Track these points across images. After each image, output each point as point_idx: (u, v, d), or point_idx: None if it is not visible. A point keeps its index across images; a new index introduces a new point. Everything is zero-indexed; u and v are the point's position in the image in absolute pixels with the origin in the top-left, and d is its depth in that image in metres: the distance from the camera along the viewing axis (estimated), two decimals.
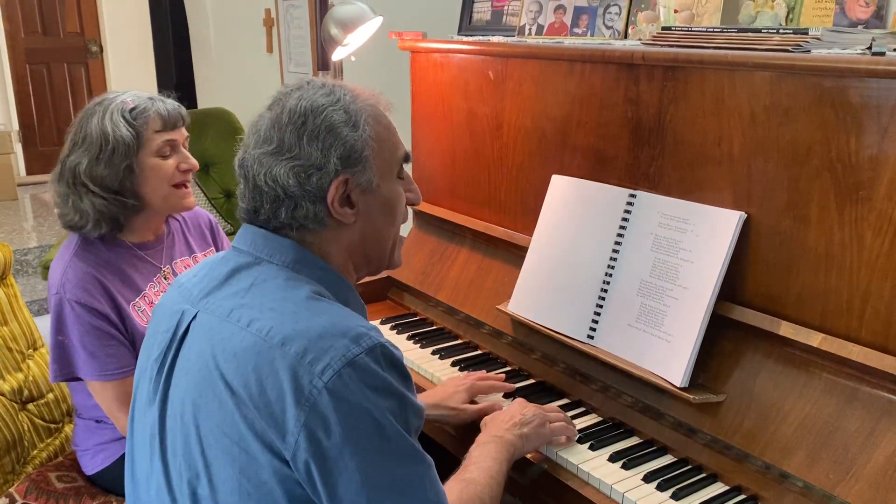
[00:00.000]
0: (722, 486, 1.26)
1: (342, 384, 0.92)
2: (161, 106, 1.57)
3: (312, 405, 0.92)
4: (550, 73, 1.65)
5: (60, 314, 1.53)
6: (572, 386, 1.54)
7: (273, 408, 0.93)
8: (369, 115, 1.08)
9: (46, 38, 6.52)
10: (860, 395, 1.16)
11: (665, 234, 1.41)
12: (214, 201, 3.81)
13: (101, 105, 1.55)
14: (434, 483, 0.99)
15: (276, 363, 0.94)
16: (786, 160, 1.25)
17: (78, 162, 1.53)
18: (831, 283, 1.22)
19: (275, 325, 0.97)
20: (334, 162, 1.04)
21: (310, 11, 3.71)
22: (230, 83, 4.89)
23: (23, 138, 6.47)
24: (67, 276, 1.53)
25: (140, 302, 1.60)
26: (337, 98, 1.06)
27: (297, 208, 1.05)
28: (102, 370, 1.53)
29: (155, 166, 1.56)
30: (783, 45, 1.26)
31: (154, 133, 1.56)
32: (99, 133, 1.51)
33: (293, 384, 0.92)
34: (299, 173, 1.03)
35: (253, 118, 1.10)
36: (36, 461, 1.76)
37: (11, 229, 4.95)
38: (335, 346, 0.94)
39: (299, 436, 0.92)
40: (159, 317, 1.13)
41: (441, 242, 1.98)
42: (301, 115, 1.04)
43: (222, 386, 0.97)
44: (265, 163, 1.04)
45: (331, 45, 2.19)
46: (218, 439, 0.97)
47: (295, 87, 1.09)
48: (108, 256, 1.58)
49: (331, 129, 1.04)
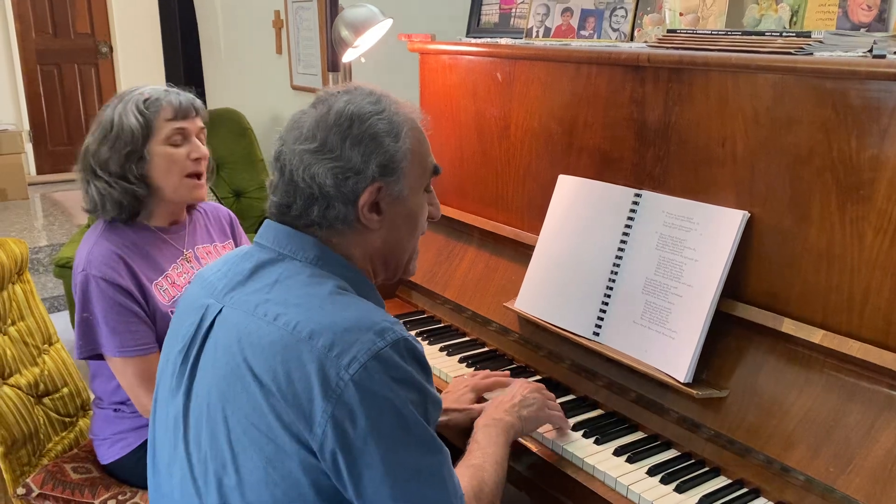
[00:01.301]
0: (725, 480, 1.28)
1: (368, 377, 0.95)
2: (174, 97, 1.63)
3: (339, 397, 0.95)
4: (558, 75, 1.67)
5: (86, 290, 1.57)
6: (578, 382, 1.57)
7: (300, 399, 0.96)
8: (410, 128, 1.12)
9: (57, 38, 6.58)
10: (860, 391, 1.19)
11: (670, 233, 1.43)
12: (224, 201, 3.84)
13: (123, 97, 1.62)
14: (451, 472, 1.04)
15: (303, 356, 0.97)
16: (788, 160, 1.28)
17: (90, 148, 1.60)
18: (832, 280, 1.24)
19: (301, 320, 0.99)
20: (373, 169, 1.07)
21: (319, 13, 3.74)
22: (239, 84, 4.93)
23: (33, 138, 6.53)
24: (93, 253, 1.58)
25: (163, 281, 1.65)
26: (382, 108, 1.10)
27: (330, 208, 1.08)
28: (123, 346, 1.57)
29: (165, 154, 1.61)
30: (786, 47, 1.29)
31: (165, 122, 1.61)
32: (108, 120, 1.59)
33: (320, 376, 0.95)
34: (337, 174, 1.06)
35: (294, 114, 1.13)
36: (51, 454, 1.79)
37: (22, 228, 5.00)
38: (361, 340, 0.97)
39: (326, 427, 0.95)
40: (183, 310, 1.16)
41: (449, 241, 2.01)
42: (347, 118, 1.07)
43: (250, 378, 0.99)
44: (305, 160, 1.07)
45: (341, 47, 2.22)
46: (246, 430, 1.00)
47: (343, 90, 1.12)
48: (133, 238, 1.64)
49: (374, 137, 1.08)
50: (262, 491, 0.99)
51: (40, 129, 6.60)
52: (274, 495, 0.99)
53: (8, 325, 1.80)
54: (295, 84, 4.18)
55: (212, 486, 1.03)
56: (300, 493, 0.98)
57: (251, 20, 4.60)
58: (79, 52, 6.67)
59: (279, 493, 0.99)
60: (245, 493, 1.00)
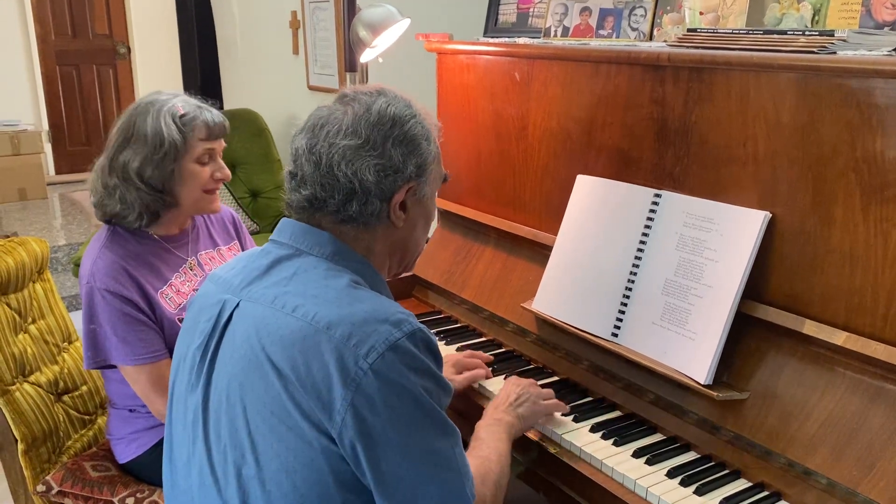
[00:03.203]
0: (745, 483, 1.27)
1: (385, 366, 0.98)
2: (208, 116, 1.65)
3: (358, 385, 0.97)
4: (576, 75, 1.67)
5: (91, 302, 1.59)
6: (596, 383, 1.56)
7: (320, 388, 0.98)
8: (435, 135, 1.21)
9: (76, 39, 6.64)
10: (884, 394, 1.17)
11: (690, 234, 1.42)
12: (241, 200, 3.86)
13: (154, 106, 1.61)
14: (462, 454, 1.07)
15: (321, 346, 0.99)
16: (811, 161, 1.26)
17: (130, 159, 1.59)
18: (856, 282, 1.23)
19: (319, 311, 1.02)
20: (410, 169, 1.14)
21: (336, 13, 3.75)
22: (256, 84, 4.95)
23: (52, 138, 6.59)
24: (97, 266, 1.59)
25: (167, 290, 1.66)
26: (415, 113, 1.17)
27: (368, 204, 1.12)
28: (135, 354, 1.58)
29: (194, 172, 1.64)
30: (809, 46, 1.28)
31: (198, 141, 1.63)
32: (154, 134, 1.58)
33: (339, 365, 0.98)
34: (380, 171, 1.11)
35: (318, 110, 1.16)
36: (70, 451, 1.81)
37: (41, 227, 5.05)
38: (378, 331, 1.00)
39: (346, 414, 0.97)
40: (197, 309, 1.18)
41: (466, 241, 2.01)
42: (390, 119, 1.13)
43: (269, 367, 1.01)
44: (348, 155, 1.10)
45: (359, 48, 2.22)
46: (265, 419, 1.01)
47: (374, 90, 1.17)
48: (136, 248, 1.65)
49: (413, 139, 1.14)
50: (282, 479, 1.00)
51: (59, 130, 6.66)
52: (294, 483, 1.00)
53: (29, 324, 1.82)
54: (311, 84, 4.19)
55: (231, 478, 1.04)
56: (320, 479, 1.00)
57: (268, 21, 4.61)
58: (97, 53, 6.73)
59: (299, 481, 1.00)
60: (265, 482, 1.02)
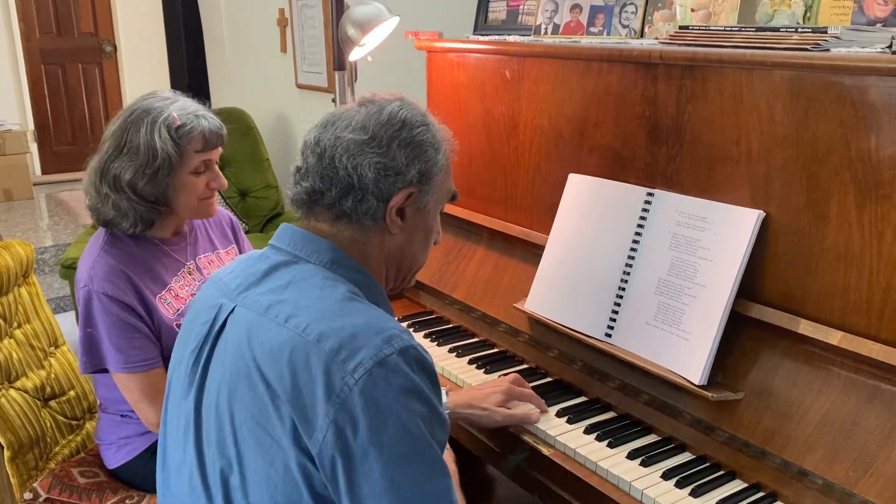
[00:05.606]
0: (741, 484, 1.26)
1: (372, 383, 0.94)
2: (206, 125, 1.60)
3: (343, 402, 0.93)
4: (567, 73, 1.65)
5: (88, 306, 1.56)
6: (590, 384, 1.55)
7: (304, 402, 0.95)
8: (447, 148, 1.20)
9: (61, 38, 6.58)
10: (880, 393, 1.17)
11: (683, 233, 1.41)
12: (230, 200, 3.83)
13: (149, 115, 1.56)
14: (454, 499, 1.00)
15: (310, 358, 0.96)
16: (805, 159, 1.26)
17: (122, 170, 1.55)
18: (850, 281, 1.22)
19: (311, 322, 0.99)
20: (413, 173, 1.12)
21: (324, 11, 3.72)
22: (244, 83, 4.91)
23: (38, 138, 6.53)
24: (95, 269, 1.57)
25: (166, 295, 1.64)
26: (429, 122, 1.17)
27: (363, 201, 1.10)
28: (128, 362, 1.56)
29: (188, 183, 1.61)
30: (802, 43, 1.27)
31: (194, 153, 1.59)
32: (146, 147, 1.54)
33: (325, 380, 0.94)
34: (380, 169, 1.10)
35: (335, 110, 1.17)
36: (58, 457, 1.78)
37: (28, 228, 5.00)
38: (368, 345, 0.96)
39: (327, 432, 0.93)
40: (196, 310, 1.16)
41: (457, 241, 1.99)
42: (400, 121, 1.12)
43: (258, 378, 0.99)
44: (352, 149, 1.10)
45: (348, 46, 2.20)
46: (252, 430, 0.99)
47: (394, 97, 1.17)
48: (135, 252, 1.62)
49: (419, 145, 1.13)
50: (263, 492, 0.98)
51: (45, 129, 6.60)
52: (273, 497, 0.98)
53: (14, 328, 1.79)
54: (300, 83, 4.16)
55: (219, 486, 1.03)
56: (299, 495, 0.97)
57: (256, 18, 4.58)
58: (83, 52, 6.68)
59: (278, 495, 0.98)
60: (248, 493, 1.00)
